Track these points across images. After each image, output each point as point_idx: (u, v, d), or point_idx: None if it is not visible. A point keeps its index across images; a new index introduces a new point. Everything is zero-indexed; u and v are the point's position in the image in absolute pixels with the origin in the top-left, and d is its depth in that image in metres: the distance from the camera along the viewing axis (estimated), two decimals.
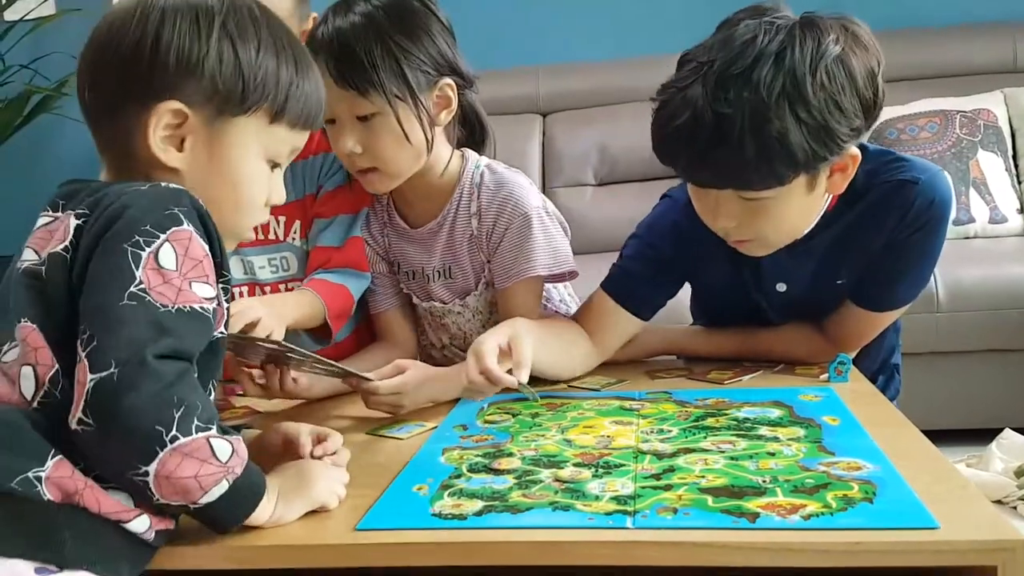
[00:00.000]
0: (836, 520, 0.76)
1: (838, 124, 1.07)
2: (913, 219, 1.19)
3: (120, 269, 0.75)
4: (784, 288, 1.29)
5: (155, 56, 0.85)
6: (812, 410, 1.07)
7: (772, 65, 1.05)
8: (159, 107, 0.84)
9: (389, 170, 1.29)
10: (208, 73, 0.86)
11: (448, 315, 1.41)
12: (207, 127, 0.87)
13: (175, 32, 0.85)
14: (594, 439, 1.02)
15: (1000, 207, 2.63)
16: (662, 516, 0.79)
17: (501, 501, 0.85)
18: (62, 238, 0.79)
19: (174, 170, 0.86)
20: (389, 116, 1.24)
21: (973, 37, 2.98)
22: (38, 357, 0.76)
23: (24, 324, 0.77)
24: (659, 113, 1.14)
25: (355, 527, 0.81)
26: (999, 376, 2.27)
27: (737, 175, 1.09)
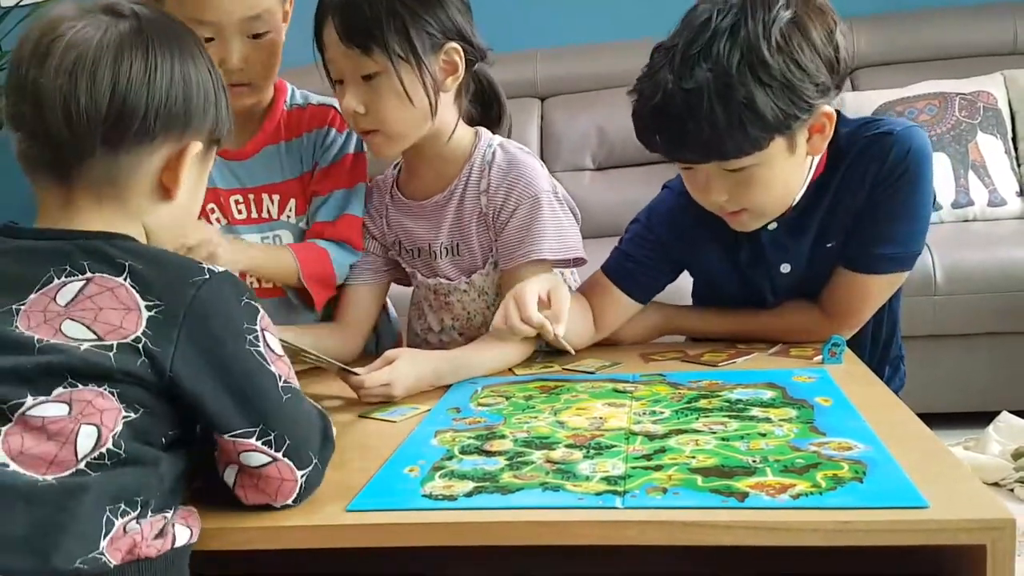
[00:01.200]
0: (825, 499, 0.76)
1: (801, 83, 1.11)
2: (890, 169, 1.22)
3: (259, 371, 0.81)
4: (788, 269, 1.30)
5: (189, 98, 0.87)
6: (805, 391, 1.07)
7: (728, 38, 1.11)
8: (191, 147, 0.87)
9: (391, 131, 1.28)
10: (215, 111, 0.90)
11: (453, 293, 1.40)
12: (202, 156, 0.90)
13: (195, 76, 0.88)
14: (587, 421, 1.02)
15: (999, 190, 2.62)
16: (651, 496, 0.79)
17: (492, 482, 0.85)
18: (133, 328, 0.77)
19: (170, 199, 0.88)
20: (392, 76, 1.23)
21: (973, 18, 2.97)
22: (103, 419, 0.75)
23: (88, 388, 0.75)
24: (637, 100, 1.20)
25: (345, 508, 0.81)
26: (997, 359, 2.27)
27: (714, 146, 1.13)
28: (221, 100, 0.92)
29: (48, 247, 0.81)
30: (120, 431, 0.75)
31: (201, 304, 0.79)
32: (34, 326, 0.76)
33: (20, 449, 0.72)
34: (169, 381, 0.77)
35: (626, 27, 3.14)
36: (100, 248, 0.80)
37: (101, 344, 0.76)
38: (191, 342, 0.78)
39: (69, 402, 0.74)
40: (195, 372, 0.78)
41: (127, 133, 0.83)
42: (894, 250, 1.26)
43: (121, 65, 0.83)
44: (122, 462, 0.75)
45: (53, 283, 0.79)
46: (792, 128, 1.13)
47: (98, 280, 0.79)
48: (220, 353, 0.79)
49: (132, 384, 0.76)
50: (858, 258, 1.27)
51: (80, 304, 0.78)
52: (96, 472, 0.73)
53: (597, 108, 3.06)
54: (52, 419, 0.73)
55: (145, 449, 0.77)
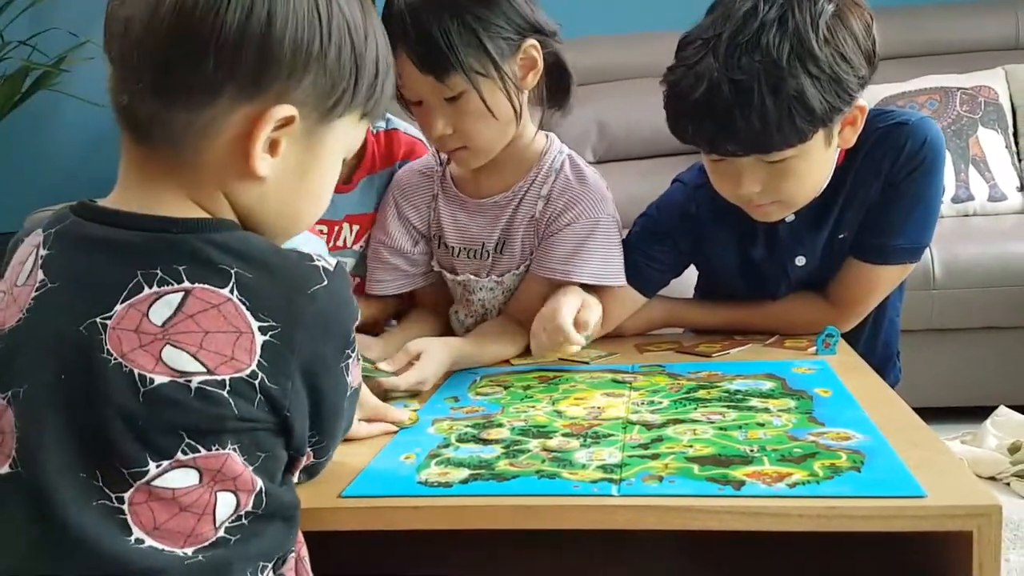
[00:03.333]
0: (822, 488, 0.76)
1: (847, 75, 1.11)
2: (906, 160, 1.22)
3: (343, 392, 0.74)
4: (803, 262, 1.30)
5: (268, 43, 0.68)
6: (805, 382, 1.07)
7: (777, 29, 1.09)
8: (272, 111, 0.69)
9: (479, 147, 1.26)
10: (327, 69, 0.71)
11: (479, 291, 1.37)
12: (307, 131, 0.72)
13: (292, 13, 0.69)
14: (584, 411, 1.02)
15: (1000, 185, 2.61)
16: (647, 484, 0.79)
17: (488, 469, 0.85)
18: (247, 359, 0.66)
19: (256, 179, 0.71)
20: (474, 94, 1.19)
21: (975, 13, 2.96)
22: (238, 484, 0.67)
23: (213, 453, 0.66)
24: (673, 91, 1.16)
25: (340, 494, 0.81)
26: (995, 354, 2.26)
27: (762, 139, 1.12)
28: (364, 51, 0.73)
29: (130, 240, 0.68)
30: (256, 492, 0.68)
31: (318, 321, 0.68)
32: (128, 352, 0.64)
33: (154, 524, 0.65)
34: (284, 420, 0.69)
35: (628, 21, 3.14)
36: (197, 247, 0.67)
37: (213, 380, 0.65)
38: (302, 373, 0.68)
39: (197, 468, 0.65)
40: (300, 407, 0.69)
41: (179, 78, 0.67)
42: (906, 241, 1.27)
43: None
44: (261, 519, 0.69)
45: (143, 292, 0.66)
46: (833, 121, 1.14)
47: (199, 293, 0.66)
48: (322, 382, 0.70)
49: (253, 431, 0.67)
50: (870, 248, 1.27)
51: (181, 324, 0.65)
52: (235, 536, 0.67)
53: (598, 102, 3.05)
54: (183, 490, 0.65)
55: (278, 497, 0.70)
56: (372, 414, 1.00)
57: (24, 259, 0.71)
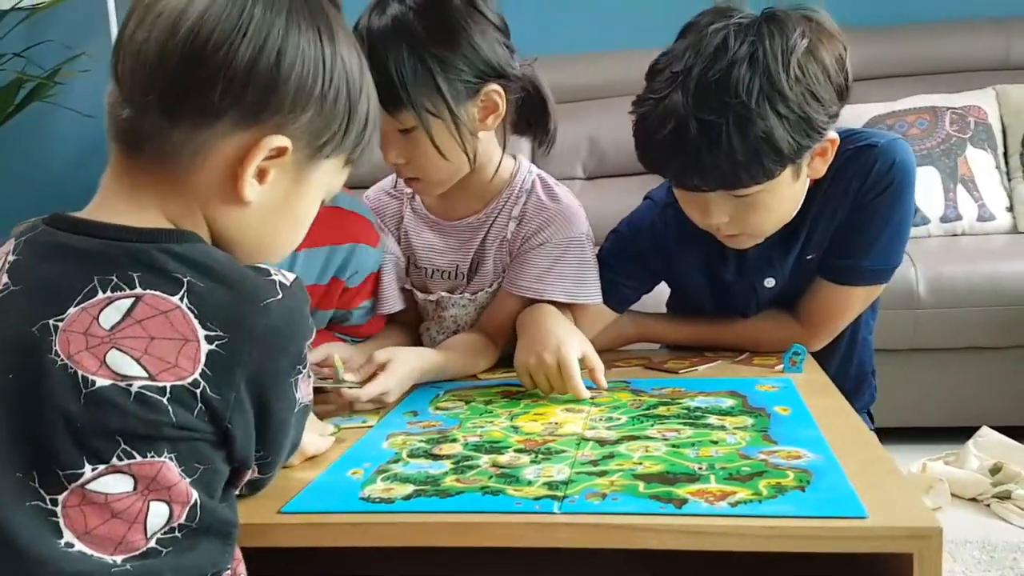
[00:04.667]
0: (763, 507, 0.75)
1: (816, 113, 1.09)
2: (874, 182, 1.21)
3: (290, 407, 0.73)
4: (772, 283, 1.30)
5: (274, 79, 0.71)
6: (766, 400, 1.06)
7: (747, 67, 1.06)
8: (267, 140, 0.71)
9: (431, 180, 1.25)
10: (323, 110, 0.74)
11: (451, 308, 1.36)
12: (297, 165, 0.75)
13: (300, 55, 0.72)
14: (541, 426, 1.01)
15: (988, 205, 2.60)
16: (590, 501, 0.78)
17: (432, 486, 0.84)
18: (190, 367, 0.66)
19: (242, 204, 0.73)
20: (434, 126, 1.17)
21: (966, 33, 2.95)
22: (172, 494, 0.66)
23: (149, 460, 0.66)
24: (641, 125, 1.15)
25: (279, 510, 0.80)
26: (979, 374, 2.25)
27: (728, 177, 1.11)
28: (358, 101, 0.77)
29: (92, 247, 0.69)
30: (191, 504, 0.67)
31: (268, 335, 0.68)
32: (75, 353, 0.65)
33: (85, 528, 0.64)
34: (224, 431, 0.68)
35: (619, 37, 3.15)
36: (153, 256, 0.68)
37: (153, 386, 0.65)
38: (249, 385, 0.68)
39: (132, 474, 0.65)
40: (243, 419, 0.69)
41: (185, 100, 0.70)
42: (874, 263, 1.25)
43: (208, 8, 0.70)
44: (195, 532, 0.68)
45: (97, 297, 0.67)
46: (802, 157, 1.12)
47: (149, 299, 0.67)
48: (269, 396, 0.70)
49: (191, 440, 0.67)
50: (838, 269, 1.26)
51: (128, 329, 0.66)
52: (167, 548, 0.66)
53: (588, 118, 3.05)
54: (116, 496, 0.65)
55: (215, 513, 0.69)
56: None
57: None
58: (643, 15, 3.22)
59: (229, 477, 0.73)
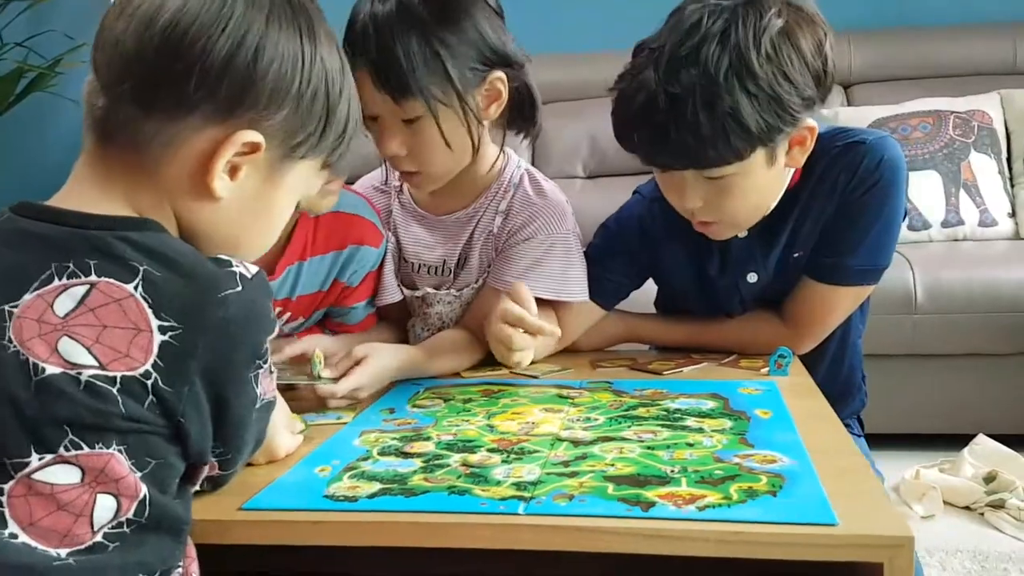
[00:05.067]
0: (732, 512, 0.73)
1: (788, 95, 1.08)
2: (862, 179, 1.19)
3: (250, 403, 0.73)
4: (755, 279, 1.28)
5: (250, 75, 0.71)
6: (747, 403, 1.04)
7: (718, 43, 1.06)
8: (239, 135, 0.71)
9: (432, 173, 1.24)
10: (299, 110, 0.74)
11: (437, 304, 1.36)
12: (270, 164, 0.74)
13: (279, 52, 0.72)
14: (517, 426, 1.00)
15: (990, 210, 2.58)
16: (556, 503, 0.76)
17: (399, 484, 0.82)
18: (142, 358, 0.65)
19: (212, 199, 0.73)
20: (432, 120, 1.15)
21: (972, 36, 2.94)
22: (120, 488, 0.65)
23: (97, 451, 0.64)
24: (617, 100, 1.16)
25: (240, 507, 0.78)
26: (977, 381, 2.23)
27: (695, 154, 1.10)
28: (337, 103, 0.76)
29: (52, 233, 0.68)
30: (139, 499, 0.66)
31: (227, 327, 0.68)
32: (27, 340, 0.64)
33: (30, 519, 0.63)
34: (177, 425, 0.67)
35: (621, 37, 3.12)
36: (110, 243, 0.67)
37: (104, 375, 0.64)
38: (203, 379, 0.67)
39: (80, 465, 0.64)
40: (198, 413, 0.68)
41: (159, 90, 0.70)
42: (861, 262, 1.23)
43: (188, 1, 0.70)
44: (143, 528, 0.66)
45: (53, 284, 0.66)
46: (775, 140, 1.11)
47: (103, 287, 0.66)
48: (227, 391, 0.69)
49: (141, 433, 0.66)
50: (824, 269, 1.25)
51: (81, 317, 0.65)
52: (115, 543, 0.65)
53: (589, 117, 3.03)
54: (63, 487, 0.64)
55: (166, 509, 0.68)
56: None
57: None
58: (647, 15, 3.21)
59: (186, 473, 0.72)
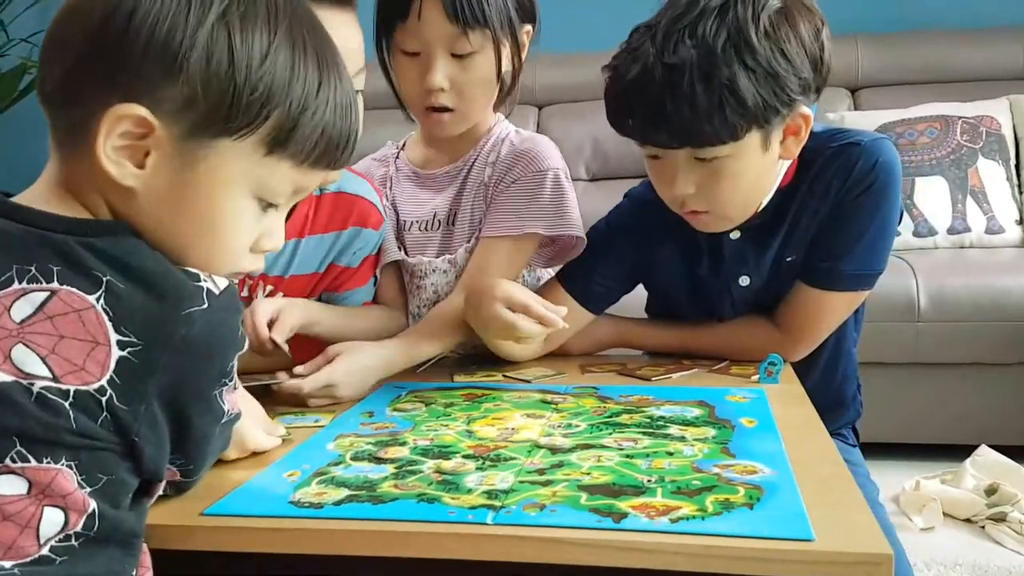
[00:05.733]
0: (706, 524, 0.70)
1: (786, 73, 1.07)
2: (856, 181, 1.17)
3: (215, 420, 0.70)
4: (747, 282, 1.26)
5: (124, 37, 0.64)
6: (733, 411, 1.02)
7: (716, 17, 1.06)
8: (116, 109, 0.65)
9: (468, 109, 1.27)
10: (189, 75, 0.65)
11: (431, 275, 1.34)
12: (177, 144, 0.67)
13: (156, 10, 0.65)
14: (497, 431, 0.97)
15: (998, 217, 2.55)
16: (527, 512, 0.74)
17: (368, 491, 0.80)
18: (97, 372, 0.62)
19: (128, 189, 0.67)
20: (487, 55, 1.22)
21: (981, 41, 2.91)
22: (69, 502, 0.63)
23: (45, 465, 0.62)
24: (611, 76, 1.14)
25: (202, 512, 0.76)
26: (980, 391, 2.19)
27: (691, 129, 1.08)
28: (251, 74, 0.67)
29: (17, 233, 0.65)
30: (88, 513, 0.63)
31: (190, 347, 0.65)
32: None
33: None
34: (131, 444, 0.64)
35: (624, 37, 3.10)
36: (72, 249, 0.64)
37: (56, 388, 0.62)
38: (162, 399, 0.65)
39: (27, 477, 0.62)
40: (154, 433, 0.65)
41: (49, 77, 0.67)
42: (855, 267, 1.21)
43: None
44: (92, 542, 0.64)
45: (12, 287, 0.63)
46: (770, 122, 1.09)
47: (64, 296, 0.63)
48: (190, 409, 0.67)
49: (92, 449, 0.63)
50: (817, 273, 1.22)
51: (38, 325, 0.62)
52: (62, 556, 0.63)
53: (593, 119, 3.00)
54: (9, 498, 0.61)
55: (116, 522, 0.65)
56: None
57: None
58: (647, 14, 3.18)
59: (142, 486, 0.69)
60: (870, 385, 1.42)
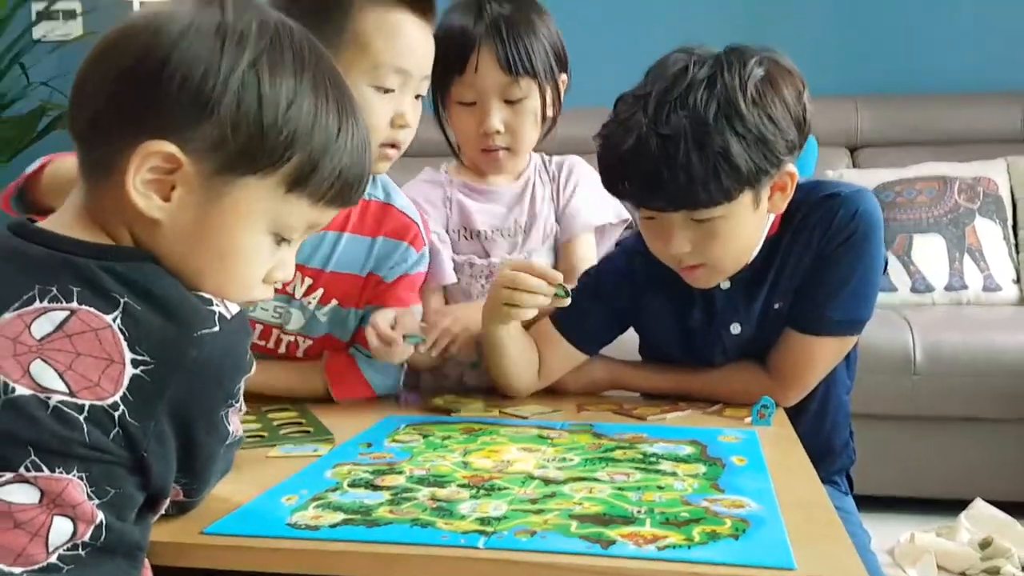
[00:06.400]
0: (691, 553, 0.73)
1: (774, 137, 1.11)
2: (837, 231, 1.20)
3: (219, 440, 0.74)
4: (738, 330, 1.28)
5: (158, 81, 0.69)
6: (724, 450, 1.04)
7: (705, 88, 1.10)
8: (147, 145, 0.69)
9: (520, 148, 1.46)
10: (219, 118, 0.70)
11: None
12: (204, 181, 0.71)
13: (190, 57, 0.69)
14: (493, 463, 1.00)
15: (994, 275, 2.57)
16: (518, 538, 0.76)
17: (363, 515, 0.82)
18: (111, 389, 0.66)
19: (154, 220, 0.72)
20: (534, 99, 1.41)
21: (980, 104, 2.96)
22: (78, 512, 0.65)
23: (56, 475, 0.64)
24: (604, 145, 1.18)
25: (202, 531, 0.78)
26: (976, 445, 2.20)
27: (687, 195, 1.11)
28: (277, 116, 0.71)
29: (40, 256, 0.69)
30: (96, 524, 0.66)
31: (201, 368, 0.68)
32: (1, 358, 0.65)
33: None
34: (140, 459, 0.67)
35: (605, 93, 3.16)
36: (94, 272, 0.68)
37: (72, 403, 0.64)
38: (172, 417, 0.68)
39: (39, 487, 0.64)
40: (162, 449, 0.69)
41: (80, 114, 0.72)
42: (840, 313, 1.24)
43: (126, 26, 0.71)
44: (99, 551, 0.67)
45: (34, 306, 0.67)
46: (761, 182, 1.13)
47: (83, 315, 0.66)
48: (196, 429, 0.70)
49: (103, 463, 0.66)
50: (804, 319, 1.25)
51: (57, 342, 0.65)
52: (69, 565, 0.65)
53: None
54: (20, 507, 0.63)
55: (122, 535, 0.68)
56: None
57: None
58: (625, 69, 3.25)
59: (148, 502, 0.72)
60: (866, 437, 1.43)
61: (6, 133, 3.24)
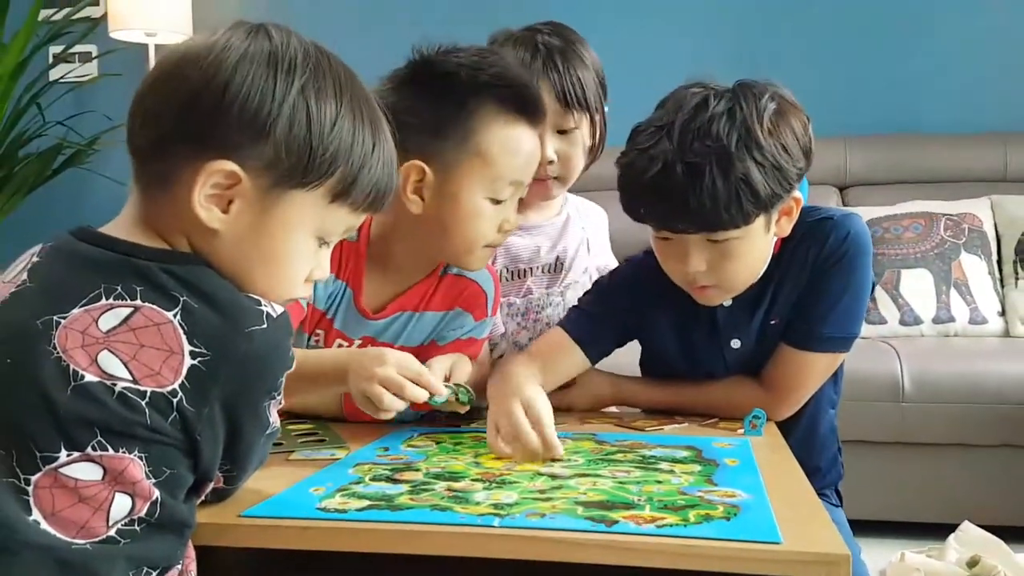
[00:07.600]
0: (687, 531, 0.80)
1: (787, 164, 1.21)
2: (830, 251, 1.30)
3: (262, 430, 0.82)
4: (738, 345, 1.36)
5: (219, 106, 0.77)
6: (718, 453, 1.11)
7: (727, 120, 1.19)
8: (212, 165, 0.77)
9: (569, 176, 1.51)
10: (274, 139, 0.78)
11: (547, 307, 1.53)
12: (259, 195, 0.80)
13: (248, 84, 0.78)
14: (502, 464, 1.07)
15: (981, 308, 2.66)
16: (529, 519, 0.83)
17: (386, 502, 0.89)
18: (171, 377, 0.73)
19: (212, 230, 0.80)
20: (584, 129, 1.48)
21: (965, 145, 3.06)
22: (137, 489, 0.73)
23: (120, 455, 0.72)
24: (628, 172, 1.25)
25: (239, 514, 0.86)
26: (963, 471, 2.26)
27: (710, 218, 1.20)
28: (325, 135, 0.80)
29: (104, 258, 0.77)
30: (152, 501, 0.74)
31: (249, 360, 0.76)
32: (71, 348, 0.72)
33: (52, 509, 0.70)
34: (194, 441, 0.75)
35: None
36: (155, 274, 0.76)
37: (136, 389, 0.72)
38: (222, 404, 0.75)
39: (103, 465, 0.71)
40: (212, 434, 0.76)
41: (143, 133, 0.80)
42: (832, 330, 1.32)
43: (185, 53, 0.79)
44: (152, 527, 0.74)
45: (100, 303, 0.74)
46: (774, 207, 1.22)
47: (146, 311, 0.74)
48: (241, 417, 0.78)
49: (161, 444, 0.73)
50: (799, 335, 1.33)
51: (122, 335, 0.73)
52: (126, 539, 0.72)
53: None
54: (85, 483, 0.71)
55: (173, 512, 0.75)
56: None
57: (20, 263, 0.81)
58: None
59: (194, 485, 0.79)
60: (856, 463, 1.49)
61: (24, 171, 3.33)
